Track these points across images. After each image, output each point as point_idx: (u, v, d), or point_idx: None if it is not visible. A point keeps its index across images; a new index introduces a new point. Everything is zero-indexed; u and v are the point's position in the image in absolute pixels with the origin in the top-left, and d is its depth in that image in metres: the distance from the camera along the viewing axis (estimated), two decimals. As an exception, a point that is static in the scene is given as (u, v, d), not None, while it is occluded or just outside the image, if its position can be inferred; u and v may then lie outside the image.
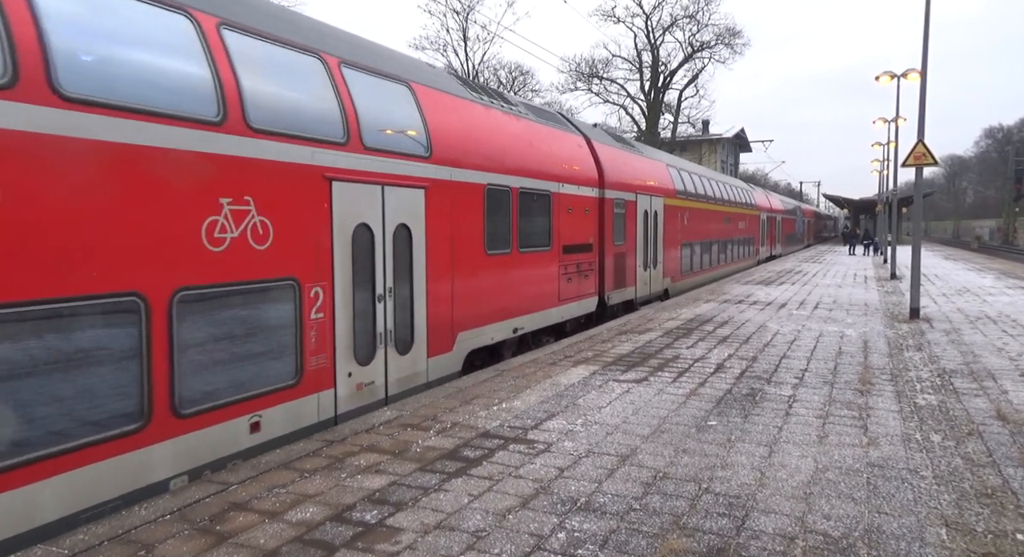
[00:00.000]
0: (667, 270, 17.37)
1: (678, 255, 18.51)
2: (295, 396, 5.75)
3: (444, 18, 50.50)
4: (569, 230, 11.36)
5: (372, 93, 6.98)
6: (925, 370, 8.33)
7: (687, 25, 47.70)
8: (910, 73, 23.41)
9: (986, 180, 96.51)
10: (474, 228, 8.60)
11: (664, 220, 16.82)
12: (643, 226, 15.16)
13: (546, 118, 11.82)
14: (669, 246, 17.46)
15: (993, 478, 4.77)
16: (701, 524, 4.01)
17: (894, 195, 28.30)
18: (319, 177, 5.96)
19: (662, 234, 16.68)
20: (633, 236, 14.51)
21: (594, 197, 12.50)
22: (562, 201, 11.06)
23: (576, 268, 11.68)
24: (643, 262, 15.32)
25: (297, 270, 5.73)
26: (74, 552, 3.68)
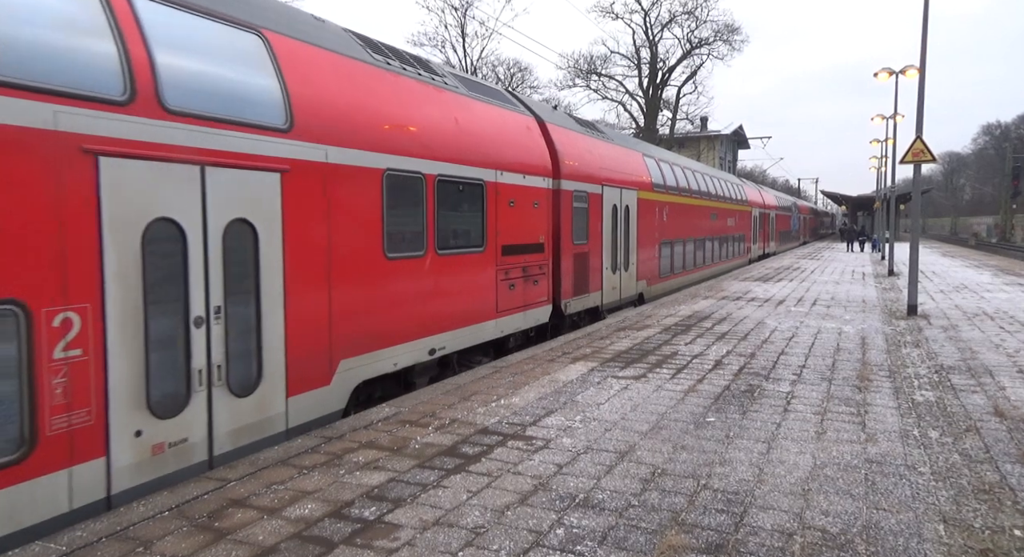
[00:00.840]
0: (642, 272, 15.52)
1: (655, 255, 16.64)
2: (21, 478, 3.89)
3: (442, 14, 50.52)
4: (511, 227, 9.50)
5: (189, 38, 5.18)
6: (923, 366, 8.34)
7: (685, 21, 47.70)
8: (908, 70, 23.43)
9: (984, 177, 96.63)
10: (367, 225, 6.70)
11: (638, 216, 14.99)
12: (611, 223, 13.34)
13: (484, 93, 9.80)
14: (644, 245, 15.59)
15: (991, 474, 4.78)
16: (699, 520, 4.02)
17: (892, 192, 28.32)
18: (73, 150, 4.16)
19: (636, 232, 14.84)
20: (598, 234, 12.67)
21: (546, 188, 10.59)
22: (502, 192, 9.23)
23: (522, 273, 9.84)
24: (611, 264, 13.45)
25: (22, 289, 3.91)
26: (72, 549, 3.68)
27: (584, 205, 12.03)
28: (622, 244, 14.07)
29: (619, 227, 13.84)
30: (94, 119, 4.29)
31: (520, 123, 10.35)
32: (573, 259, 11.65)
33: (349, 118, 6.58)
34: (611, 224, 13.33)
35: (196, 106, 5.00)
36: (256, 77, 5.71)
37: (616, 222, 13.64)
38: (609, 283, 13.39)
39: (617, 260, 13.78)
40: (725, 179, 27.26)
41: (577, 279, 11.83)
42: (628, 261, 14.48)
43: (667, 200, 17.44)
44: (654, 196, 16.39)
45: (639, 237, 15.16)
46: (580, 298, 12.02)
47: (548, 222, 10.76)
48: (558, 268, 11.19)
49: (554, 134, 11.39)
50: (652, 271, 16.41)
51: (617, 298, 13.97)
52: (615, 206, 13.52)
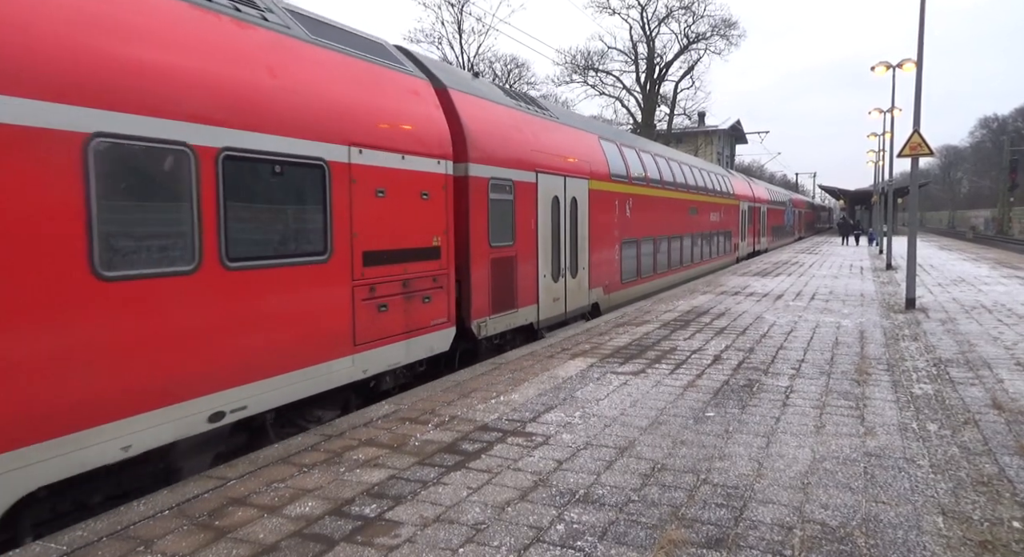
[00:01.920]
0: (596, 278, 12.92)
1: (615, 257, 14.03)
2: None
3: (439, 10, 50.35)
4: (381, 226, 6.94)
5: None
6: (921, 360, 8.36)
7: (682, 16, 47.72)
8: (906, 64, 23.42)
9: (981, 170, 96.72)
10: (50, 226, 4.18)
11: (591, 210, 12.49)
12: (551, 219, 10.81)
13: (343, 42, 7.07)
14: (600, 245, 13.06)
15: (989, 466, 4.79)
16: (699, 515, 4.03)
17: (890, 186, 28.34)
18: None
19: (588, 229, 12.35)
20: (531, 233, 10.18)
21: (442, 174, 8.02)
22: (361, 178, 6.64)
23: (401, 288, 7.24)
24: (552, 269, 10.91)
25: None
26: (73, 548, 3.68)
27: (508, 197, 9.54)
28: (568, 245, 11.55)
29: (563, 224, 11.32)
30: None
31: (401, 86, 7.63)
32: (491, 266, 9.08)
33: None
34: (551, 220, 10.83)
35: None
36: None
37: (559, 218, 11.13)
38: (548, 294, 10.82)
39: (560, 265, 11.24)
40: (708, 170, 24.55)
41: (498, 292, 9.27)
42: (576, 265, 11.94)
43: (632, 192, 14.86)
44: (613, 187, 13.75)
45: (592, 236, 12.64)
46: (504, 316, 9.42)
47: (447, 218, 8.08)
48: (466, 279, 8.62)
49: (461, 105, 8.79)
50: (611, 276, 13.84)
51: (561, 312, 11.39)
52: (557, 198, 11.02)
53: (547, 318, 10.85)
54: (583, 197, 12.22)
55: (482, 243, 8.99)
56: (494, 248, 9.23)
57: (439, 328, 8.02)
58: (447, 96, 8.68)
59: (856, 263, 25.45)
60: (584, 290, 12.42)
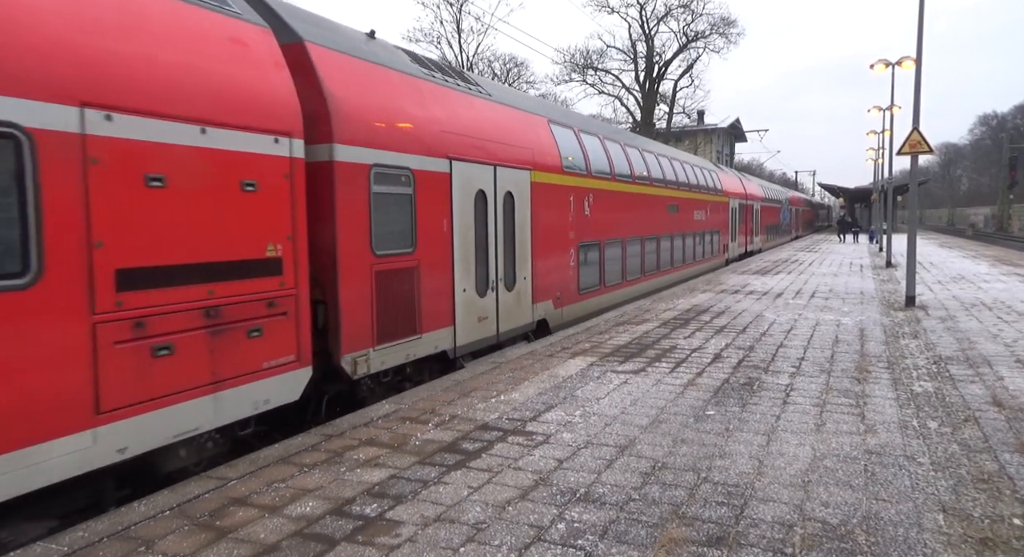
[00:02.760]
0: (543, 289, 10.67)
1: (570, 263, 11.79)
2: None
3: (438, 10, 50.28)
4: (158, 230, 4.84)
5: None
6: (921, 357, 8.36)
7: (681, 14, 47.68)
8: (905, 61, 23.42)
9: (981, 168, 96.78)
10: None
11: (535, 208, 10.33)
12: (475, 218, 8.69)
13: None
14: (547, 250, 10.85)
15: (990, 464, 4.79)
16: (700, 513, 4.03)
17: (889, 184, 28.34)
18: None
19: (530, 231, 10.17)
20: (443, 237, 8.01)
21: (280, 157, 5.78)
22: (110, 156, 4.53)
23: (203, 319, 5.11)
24: (476, 282, 8.75)
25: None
26: (74, 549, 3.68)
27: (405, 190, 7.39)
28: (501, 251, 9.37)
29: (494, 225, 9.18)
30: None
31: (212, 31, 5.48)
32: (376, 281, 6.90)
33: None
34: (475, 221, 8.68)
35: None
36: None
37: (488, 218, 9.01)
38: (471, 312, 8.63)
39: (489, 276, 9.09)
40: (692, 164, 22.31)
41: (388, 314, 7.09)
42: (514, 276, 9.72)
43: (593, 187, 12.66)
44: (567, 180, 11.58)
45: (537, 239, 10.44)
46: (398, 345, 7.25)
47: (293, 219, 5.83)
48: (333, 300, 6.46)
49: (324, 65, 6.55)
50: (564, 286, 11.52)
51: (490, 333, 9.16)
52: (483, 193, 8.88)
53: (469, 343, 8.62)
54: (523, 192, 9.99)
55: (360, 251, 6.69)
56: (381, 258, 6.95)
57: (280, 370, 5.71)
58: (301, 52, 6.44)
59: (856, 261, 25.45)
60: (526, 305, 10.12)
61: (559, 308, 11.37)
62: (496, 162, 9.25)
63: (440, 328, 8.06)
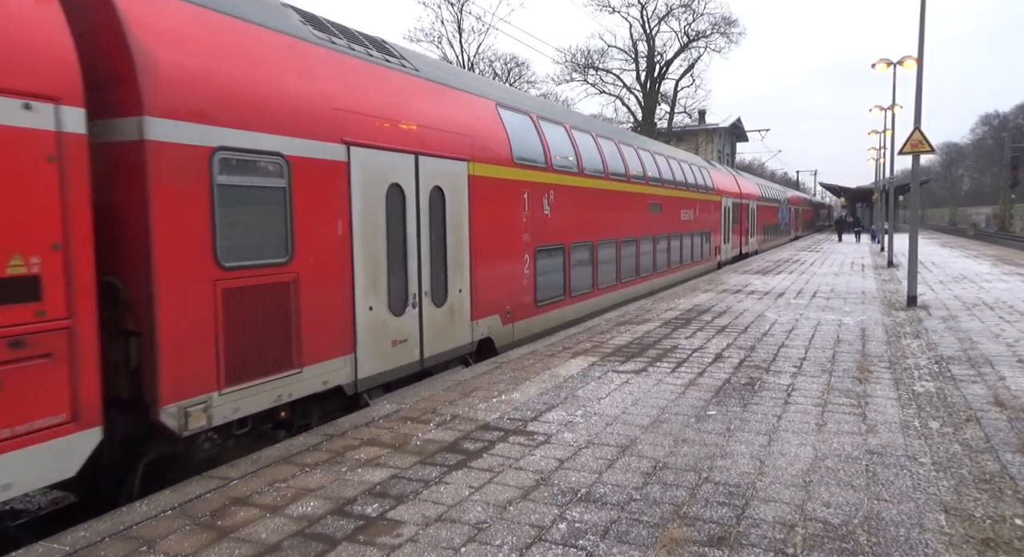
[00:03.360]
0: (488, 303, 9.12)
1: (524, 271, 10.14)
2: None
3: (439, 9, 50.33)
4: None
5: None
6: (923, 357, 8.35)
7: (682, 14, 47.66)
8: (906, 61, 23.39)
9: (982, 167, 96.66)
10: None
11: (475, 206, 8.73)
12: (387, 218, 7.11)
13: None
14: (493, 256, 9.27)
15: (991, 464, 4.79)
16: (701, 513, 4.03)
17: (891, 183, 28.32)
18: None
19: (468, 233, 8.60)
20: (338, 242, 6.46)
21: (36, 130, 4.05)
22: None
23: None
24: (391, 297, 7.15)
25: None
26: (75, 549, 3.69)
27: (275, 183, 5.79)
28: (425, 259, 7.75)
29: (415, 227, 7.55)
30: None
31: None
32: (224, 302, 5.27)
33: None
34: (387, 222, 7.10)
35: None
36: None
37: (407, 218, 7.42)
38: (381, 336, 7.02)
39: (408, 290, 7.44)
40: (680, 159, 20.57)
41: (247, 344, 5.45)
42: (445, 288, 8.13)
43: (552, 182, 10.97)
44: (520, 174, 9.95)
45: (477, 243, 8.81)
46: (266, 384, 5.63)
47: (61, 219, 4.22)
48: (149, 329, 4.79)
49: (133, 6, 4.88)
50: (516, 298, 9.94)
51: (412, 359, 7.54)
52: (399, 188, 7.26)
53: (378, 373, 6.99)
54: (458, 187, 8.38)
55: (194, 264, 5.03)
56: (233, 271, 5.30)
57: (38, 438, 4.07)
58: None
59: (857, 260, 25.43)
60: (462, 323, 8.50)
61: (509, 324, 9.70)
62: (419, 150, 7.60)
63: (332, 357, 6.36)
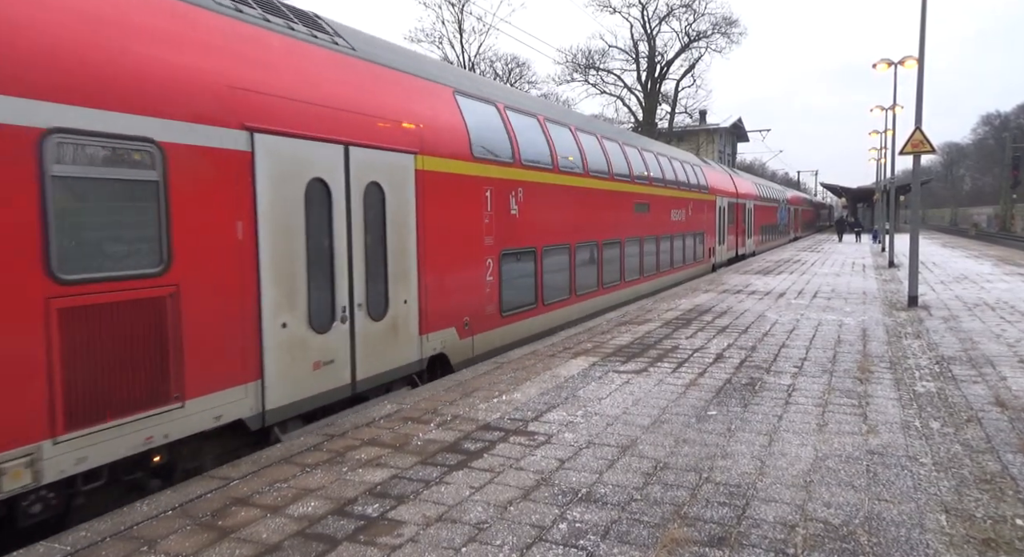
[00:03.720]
0: (441, 313, 8.12)
1: (485, 278, 9.09)
2: None
3: (439, 10, 50.24)
4: None
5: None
6: (924, 357, 8.34)
7: (683, 14, 47.64)
8: (907, 61, 23.37)
9: (983, 168, 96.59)
10: None
11: (425, 205, 7.74)
12: (305, 219, 6.13)
13: None
14: (448, 262, 8.25)
15: (992, 464, 4.78)
16: (702, 513, 4.03)
17: (892, 183, 28.30)
18: None
19: (415, 237, 7.58)
20: (239, 247, 5.49)
21: None
22: None
23: None
24: (312, 311, 6.18)
25: None
26: (76, 549, 3.69)
27: (144, 175, 4.80)
28: (359, 265, 6.77)
29: (345, 229, 6.59)
30: None
31: None
32: (61, 324, 4.27)
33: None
34: (305, 223, 6.11)
35: None
36: None
37: (332, 218, 6.44)
38: (298, 357, 6.03)
39: (335, 302, 6.44)
40: (671, 156, 19.47)
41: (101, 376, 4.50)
42: (385, 299, 7.14)
43: (521, 179, 10.00)
44: (478, 169, 8.91)
45: (428, 247, 7.80)
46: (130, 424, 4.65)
47: None
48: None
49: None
50: (475, 309, 8.87)
51: (342, 382, 6.52)
52: (322, 183, 6.30)
53: (296, 402, 5.97)
54: (402, 183, 7.36)
55: (7, 276, 4.05)
56: (76, 286, 4.34)
57: None
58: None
59: (858, 261, 25.41)
60: (408, 338, 7.46)
61: (468, 338, 8.68)
62: (350, 140, 6.60)
63: (229, 386, 5.36)
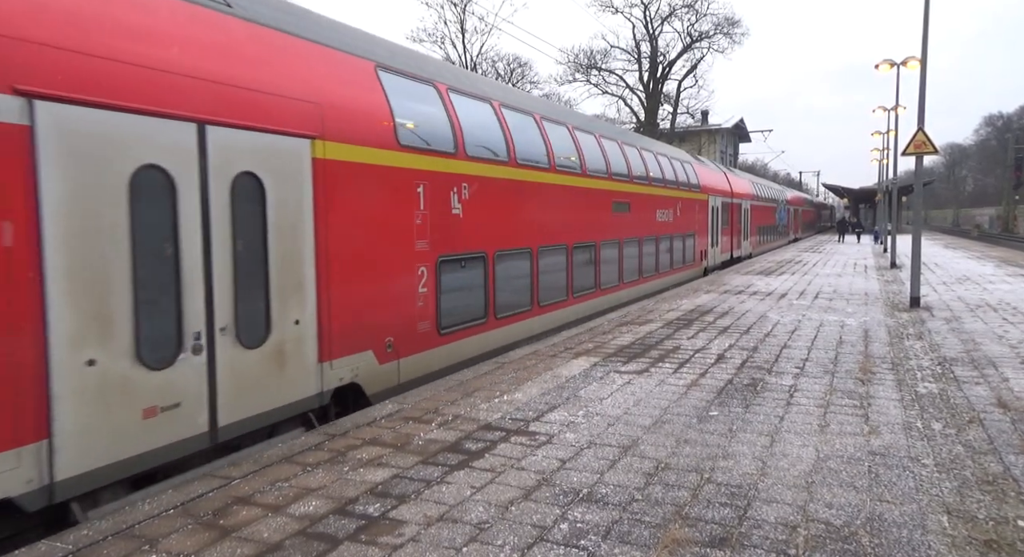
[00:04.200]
0: (353, 334, 6.76)
1: (416, 289, 7.69)
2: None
3: (442, 10, 50.24)
4: None
5: None
6: (926, 358, 8.33)
7: (685, 15, 47.68)
8: (910, 61, 23.34)
9: (986, 168, 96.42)
10: None
11: (324, 202, 6.36)
12: (128, 218, 4.69)
13: None
14: (360, 272, 6.89)
15: (994, 465, 4.78)
16: (703, 514, 4.02)
17: (894, 184, 28.26)
18: None
19: (313, 241, 6.25)
20: (5, 257, 4.01)
21: None
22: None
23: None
24: (140, 341, 4.70)
25: None
26: (78, 547, 3.69)
27: None
28: (223, 278, 5.38)
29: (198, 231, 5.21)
30: None
31: None
32: None
33: None
34: (129, 223, 4.72)
35: None
36: None
37: (178, 218, 5.09)
38: (118, 403, 4.60)
39: (182, 326, 5.08)
40: (657, 152, 18.05)
41: None
42: (266, 320, 5.75)
43: (465, 173, 8.62)
44: (407, 161, 7.48)
45: (333, 253, 6.46)
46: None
47: None
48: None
49: None
50: (402, 326, 7.45)
51: (196, 431, 5.17)
52: (161, 172, 4.96)
53: (116, 463, 4.58)
54: (291, 174, 5.99)
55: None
56: None
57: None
58: None
59: (860, 261, 25.38)
60: (301, 368, 6.06)
61: (392, 361, 7.26)
62: (208, 117, 5.22)
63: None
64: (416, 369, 7.72)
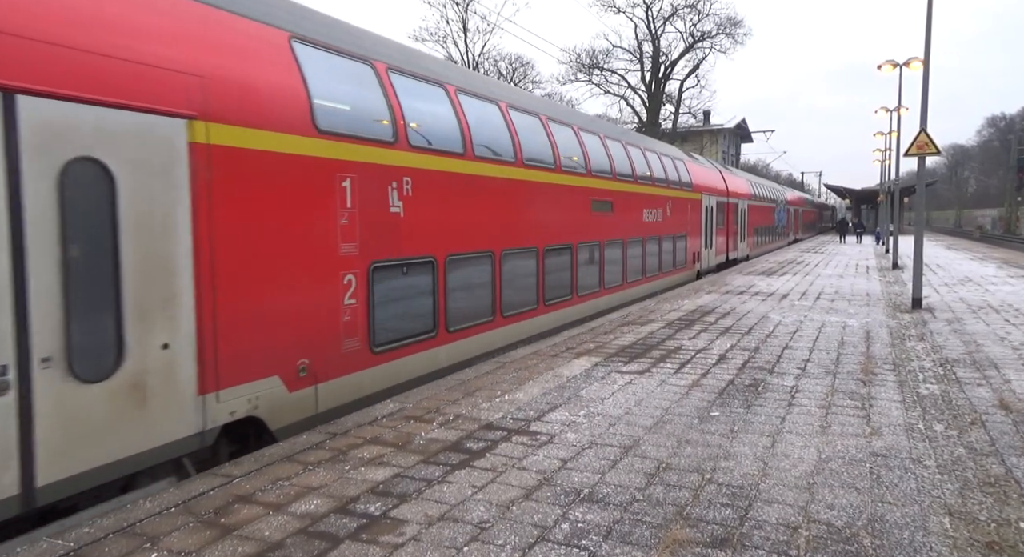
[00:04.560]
0: (250, 358, 5.46)
1: (342, 301, 6.45)
2: None
3: (444, 9, 50.25)
4: None
5: None
6: (927, 360, 8.32)
7: (688, 15, 47.63)
8: (912, 62, 23.30)
9: (988, 169, 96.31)
10: None
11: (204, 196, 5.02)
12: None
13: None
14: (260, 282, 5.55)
15: (996, 467, 4.77)
16: (704, 514, 4.02)
17: (896, 185, 28.24)
18: None
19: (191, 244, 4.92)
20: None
21: None
22: None
23: None
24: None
25: None
26: (80, 545, 3.70)
27: None
28: (43, 293, 4.04)
29: (9, 235, 3.89)
30: None
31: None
32: None
33: None
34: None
35: None
36: None
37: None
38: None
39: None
40: (645, 147, 16.88)
41: None
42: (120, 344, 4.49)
43: (405, 165, 7.31)
44: (326, 149, 6.27)
45: (221, 258, 5.21)
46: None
47: None
48: None
49: None
50: (320, 345, 6.24)
51: (3, 494, 3.88)
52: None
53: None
54: (160, 163, 4.79)
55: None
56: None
57: None
58: None
59: (862, 262, 25.36)
60: (173, 402, 4.88)
61: (306, 388, 6.10)
62: (23, 86, 4.01)
63: None
64: (342, 394, 6.48)
